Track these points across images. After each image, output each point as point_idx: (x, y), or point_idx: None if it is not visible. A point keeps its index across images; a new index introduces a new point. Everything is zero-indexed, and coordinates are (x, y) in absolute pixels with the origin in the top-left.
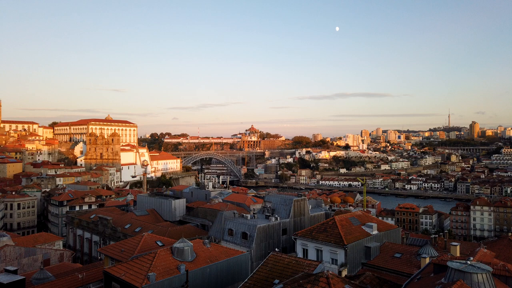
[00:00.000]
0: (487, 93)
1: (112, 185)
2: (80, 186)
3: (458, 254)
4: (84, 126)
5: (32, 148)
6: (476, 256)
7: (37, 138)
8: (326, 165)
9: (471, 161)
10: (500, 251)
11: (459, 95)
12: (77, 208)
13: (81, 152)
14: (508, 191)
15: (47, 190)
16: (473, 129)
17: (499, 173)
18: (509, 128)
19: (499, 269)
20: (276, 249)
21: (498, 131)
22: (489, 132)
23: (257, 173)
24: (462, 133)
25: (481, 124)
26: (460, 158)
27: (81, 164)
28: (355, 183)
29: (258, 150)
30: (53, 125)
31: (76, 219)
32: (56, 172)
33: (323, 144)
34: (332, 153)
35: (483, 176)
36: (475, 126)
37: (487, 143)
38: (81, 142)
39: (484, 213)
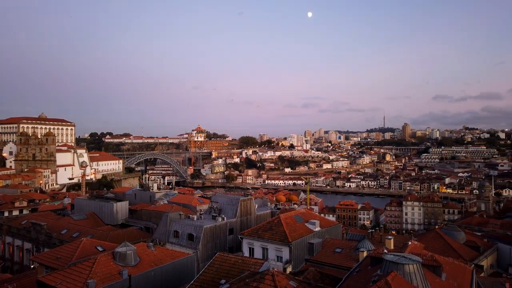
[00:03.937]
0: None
1: (47, 188)
2: (9, 189)
3: (392, 247)
4: (14, 125)
5: None
6: (407, 248)
7: None
8: (272, 164)
9: (403, 160)
10: (428, 243)
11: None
12: (6, 214)
13: (11, 153)
14: (435, 188)
15: None
16: (405, 130)
17: (427, 171)
18: (436, 130)
19: (428, 260)
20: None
21: (427, 132)
22: (419, 133)
23: (204, 174)
24: (396, 133)
25: (412, 126)
26: (394, 157)
27: (10, 166)
28: (299, 181)
29: (205, 150)
30: None
31: (5, 226)
32: None
33: (269, 144)
34: (278, 153)
35: (414, 174)
36: (407, 128)
37: (417, 143)
38: (11, 142)
39: (414, 208)
